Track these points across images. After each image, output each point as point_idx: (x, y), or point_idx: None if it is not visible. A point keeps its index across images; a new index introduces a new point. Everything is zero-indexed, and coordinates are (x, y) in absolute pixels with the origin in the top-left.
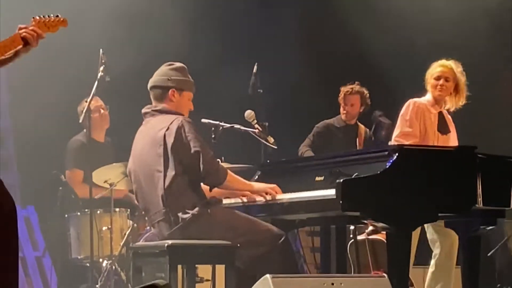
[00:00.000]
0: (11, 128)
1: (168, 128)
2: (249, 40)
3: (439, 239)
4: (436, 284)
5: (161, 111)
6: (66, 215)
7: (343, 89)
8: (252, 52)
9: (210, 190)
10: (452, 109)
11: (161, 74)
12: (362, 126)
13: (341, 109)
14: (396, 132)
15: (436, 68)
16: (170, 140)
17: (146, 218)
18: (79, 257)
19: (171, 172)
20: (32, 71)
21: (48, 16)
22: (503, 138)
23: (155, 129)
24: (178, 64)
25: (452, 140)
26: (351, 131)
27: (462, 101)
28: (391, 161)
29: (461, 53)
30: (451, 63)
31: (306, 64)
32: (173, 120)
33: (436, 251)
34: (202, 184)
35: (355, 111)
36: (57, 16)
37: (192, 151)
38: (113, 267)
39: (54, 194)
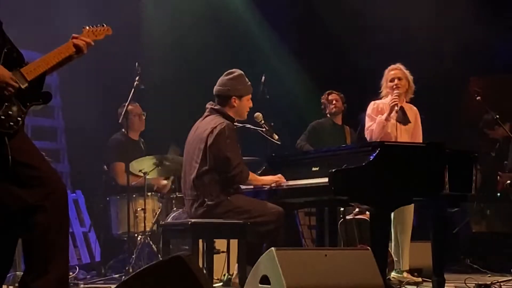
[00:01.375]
0: (63, 127)
1: (212, 130)
2: (258, 55)
3: (396, 214)
4: (398, 252)
5: (217, 111)
6: (107, 198)
7: (325, 94)
8: (260, 65)
9: (237, 185)
10: (406, 101)
11: (223, 84)
12: (348, 128)
13: (327, 109)
14: (366, 126)
15: (389, 73)
16: (210, 141)
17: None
18: (118, 233)
19: (204, 166)
20: (80, 78)
21: (96, 25)
22: (466, 136)
23: (204, 128)
24: (236, 73)
25: (416, 128)
26: (339, 130)
27: (411, 94)
28: (373, 155)
29: (432, 62)
30: (399, 65)
31: (302, 76)
32: (218, 125)
33: (394, 223)
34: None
35: (339, 106)
36: (103, 25)
37: (225, 155)
38: (146, 241)
39: (98, 180)
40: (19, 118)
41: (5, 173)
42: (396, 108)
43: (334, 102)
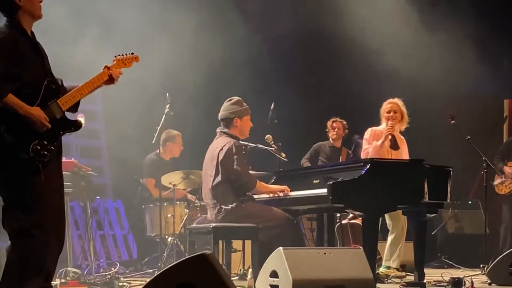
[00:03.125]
0: (105, 147)
1: (222, 148)
2: (267, 85)
3: (393, 223)
4: (391, 254)
5: (225, 133)
6: (143, 206)
7: (331, 120)
8: (269, 94)
9: (247, 192)
10: (401, 130)
11: (225, 109)
12: (345, 149)
13: (330, 134)
14: (363, 149)
15: (387, 105)
16: (221, 157)
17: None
18: (152, 235)
19: (218, 178)
20: (118, 106)
21: (126, 54)
22: (442, 153)
23: (216, 147)
24: (235, 99)
25: (403, 153)
26: (337, 151)
27: (405, 125)
28: (365, 169)
29: (413, 92)
30: (396, 100)
31: (306, 103)
32: (226, 144)
33: (392, 231)
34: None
35: (340, 133)
36: (132, 53)
37: (235, 167)
38: (175, 241)
39: (134, 192)
40: (52, 147)
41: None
42: (389, 137)
43: (336, 129)
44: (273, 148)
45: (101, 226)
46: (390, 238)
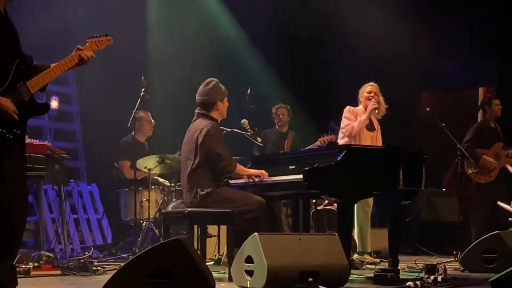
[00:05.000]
0: (80, 131)
1: (201, 131)
2: (243, 71)
3: (362, 209)
4: (362, 235)
5: (204, 115)
6: (117, 190)
7: (274, 107)
8: (246, 80)
9: (225, 176)
10: (378, 118)
11: (205, 94)
12: (291, 133)
13: (275, 120)
14: (342, 125)
15: (367, 87)
16: (200, 140)
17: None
18: (126, 219)
19: (196, 161)
20: (94, 89)
21: (99, 35)
22: (417, 141)
23: (194, 129)
24: (213, 82)
25: (378, 137)
26: (283, 136)
27: (382, 113)
28: (340, 156)
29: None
30: (375, 84)
31: (282, 89)
32: (205, 126)
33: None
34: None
35: (285, 119)
36: (106, 35)
37: (214, 150)
38: (150, 226)
39: (109, 175)
40: (18, 131)
41: None
42: (376, 111)
43: (281, 115)
44: (249, 133)
45: (75, 210)
46: (356, 220)
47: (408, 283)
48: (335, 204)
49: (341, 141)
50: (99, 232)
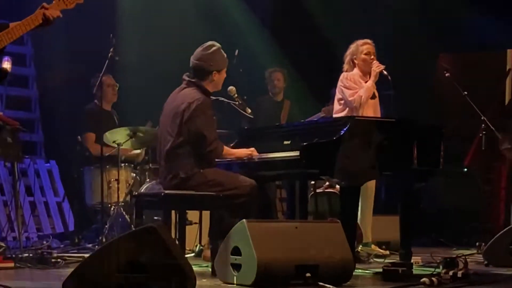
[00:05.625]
0: (37, 97)
1: (189, 105)
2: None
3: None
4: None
5: (194, 84)
6: (81, 168)
7: (268, 70)
8: (234, 40)
9: (211, 160)
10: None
11: (203, 59)
12: (287, 102)
13: (269, 86)
14: (338, 101)
15: (363, 46)
16: (186, 116)
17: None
18: (91, 203)
19: (179, 139)
20: (54, 48)
21: None
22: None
23: (181, 101)
24: (215, 47)
25: (376, 105)
26: (278, 105)
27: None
28: (344, 129)
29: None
30: (372, 43)
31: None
32: (195, 100)
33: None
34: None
35: (280, 85)
36: None
37: (201, 132)
38: (119, 211)
39: (72, 150)
40: None
41: None
42: (384, 72)
43: (275, 81)
44: (237, 103)
45: (31, 192)
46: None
47: (422, 280)
48: (338, 187)
49: (340, 114)
50: (60, 218)
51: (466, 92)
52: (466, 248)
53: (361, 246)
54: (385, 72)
